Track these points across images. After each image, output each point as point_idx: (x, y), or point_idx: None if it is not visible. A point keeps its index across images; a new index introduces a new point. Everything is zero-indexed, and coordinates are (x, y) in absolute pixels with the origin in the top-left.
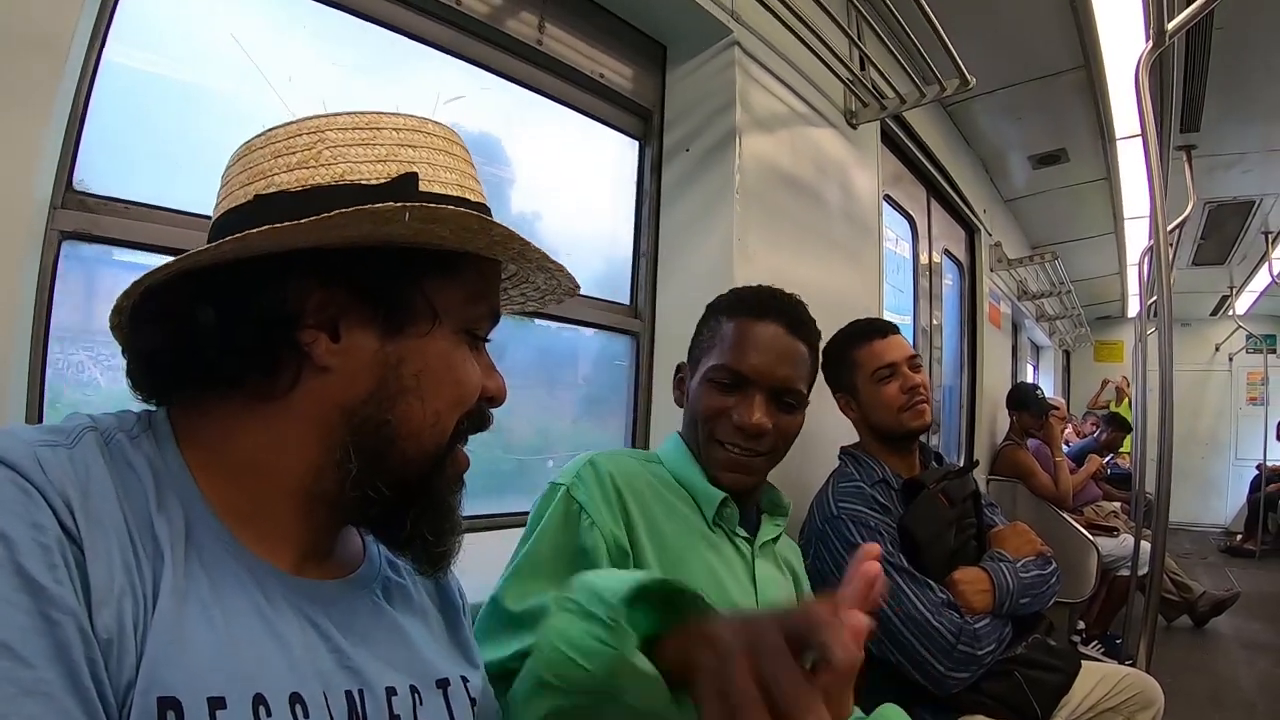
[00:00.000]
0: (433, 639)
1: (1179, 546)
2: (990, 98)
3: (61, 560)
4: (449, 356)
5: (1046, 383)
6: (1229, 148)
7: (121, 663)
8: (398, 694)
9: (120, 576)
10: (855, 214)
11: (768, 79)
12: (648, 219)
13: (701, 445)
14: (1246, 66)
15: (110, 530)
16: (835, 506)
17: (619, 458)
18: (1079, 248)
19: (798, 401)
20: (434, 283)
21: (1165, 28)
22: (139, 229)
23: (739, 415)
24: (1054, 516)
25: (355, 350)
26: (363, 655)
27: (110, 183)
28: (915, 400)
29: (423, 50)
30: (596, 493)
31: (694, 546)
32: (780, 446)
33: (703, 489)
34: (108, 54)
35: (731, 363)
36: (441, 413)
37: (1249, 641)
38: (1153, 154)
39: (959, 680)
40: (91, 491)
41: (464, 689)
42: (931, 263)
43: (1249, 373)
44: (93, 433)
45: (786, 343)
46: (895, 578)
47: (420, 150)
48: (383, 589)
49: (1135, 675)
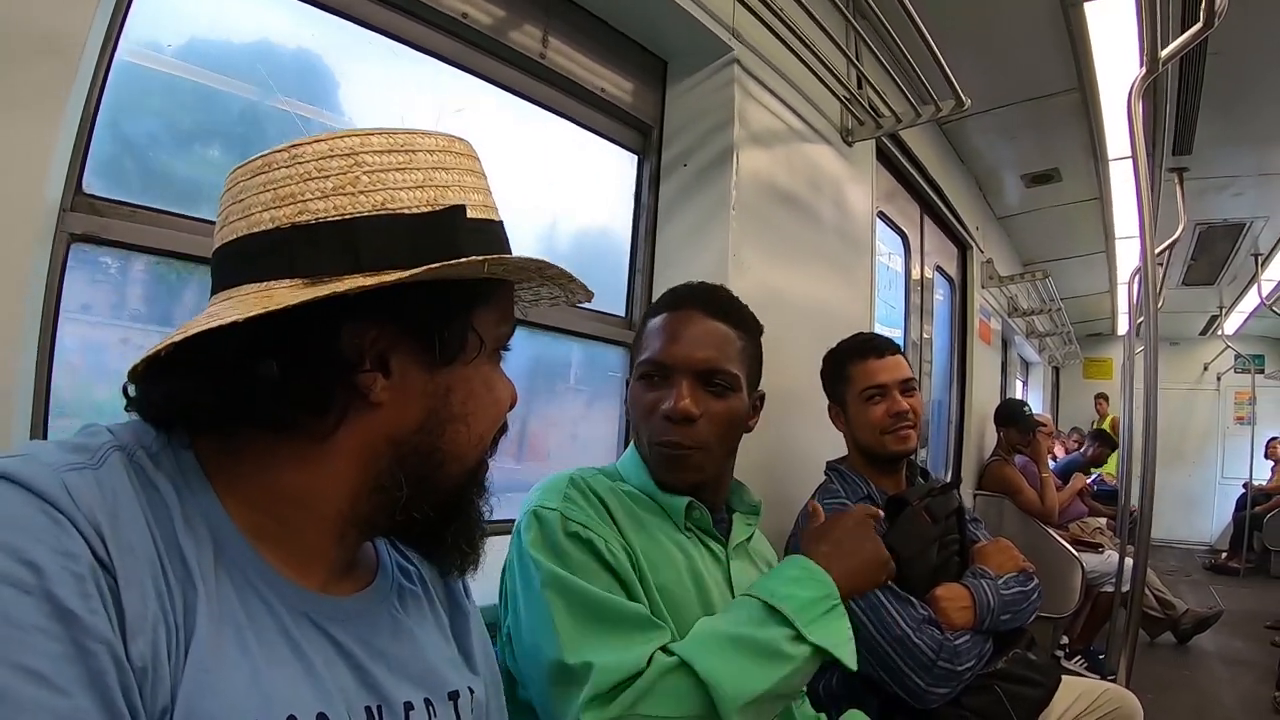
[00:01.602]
0: (445, 646)
1: (1164, 563)
2: (985, 117)
3: (95, 589)
4: (489, 379)
5: (1035, 399)
6: (1221, 171)
7: (156, 691)
8: (414, 709)
9: (153, 604)
10: (849, 230)
11: (766, 96)
12: (645, 232)
13: (645, 448)
14: (1240, 91)
15: (141, 557)
16: None
17: (591, 475)
18: (1070, 266)
19: (729, 384)
20: (480, 311)
21: (1159, 54)
22: (148, 233)
23: (665, 404)
24: (1040, 532)
25: (406, 384)
26: (381, 670)
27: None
28: (900, 425)
29: (426, 60)
30: (590, 511)
31: (674, 555)
32: (720, 438)
33: (666, 500)
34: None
35: (653, 355)
36: (484, 433)
37: (1232, 659)
38: (1143, 178)
39: (939, 696)
40: (121, 517)
41: (470, 699)
42: (924, 278)
43: (1237, 392)
44: (118, 452)
45: (706, 325)
46: (877, 594)
47: (452, 173)
48: (398, 597)
49: (1115, 690)
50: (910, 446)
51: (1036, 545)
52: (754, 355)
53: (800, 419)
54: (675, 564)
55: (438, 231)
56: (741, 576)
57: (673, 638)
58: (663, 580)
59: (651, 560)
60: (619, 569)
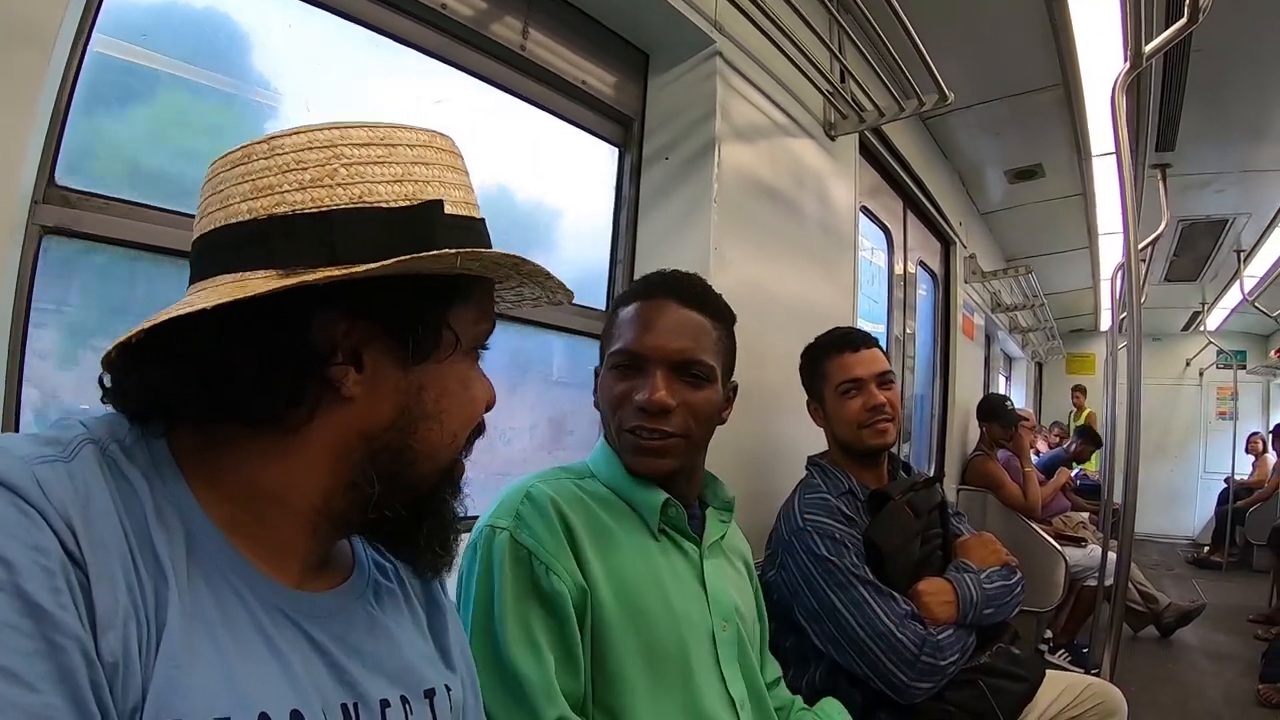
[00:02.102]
0: (421, 643)
1: (1147, 558)
2: (968, 113)
3: (65, 584)
4: (465, 378)
5: (1018, 394)
6: (1204, 167)
7: (127, 686)
8: (391, 705)
9: (124, 599)
10: (832, 225)
11: (748, 89)
12: (625, 225)
13: (616, 438)
14: (1223, 89)
15: (113, 551)
16: (801, 518)
17: (554, 482)
18: (1053, 262)
19: (705, 374)
20: (457, 308)
21: (1143, 50)
22: (121, 225)
23: (640, 395)
24: (1023, 526)
25: (379, 380)
26: (357, 668)
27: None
28: (877, 419)
29: (405, 52)
30: (543, 532)
31: (641, 563)
32: (694, 426)
33: (639, 495)
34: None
35: (626, 344)
36: (458, 432)
37: (1215, 653)
38: (1126, 174)
39: (923, 690)
40: (92, 511)
41: (447, 697)
42: (906, 273)
43: (1219, 388)
44: (90, 445)
45: (681, 315)
46: (860, 590)
47: (433, 169)
48: (374, 594)
49: (1099, 685)
50: (888, 440)
51: (1020, 539)
52: (729, 345)
53: (782, 414)
54: (641, 575)
55: (414, 226)
56: (715, 575)
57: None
58: (629, 591)
59: (614, 573)
60: (554, 598)
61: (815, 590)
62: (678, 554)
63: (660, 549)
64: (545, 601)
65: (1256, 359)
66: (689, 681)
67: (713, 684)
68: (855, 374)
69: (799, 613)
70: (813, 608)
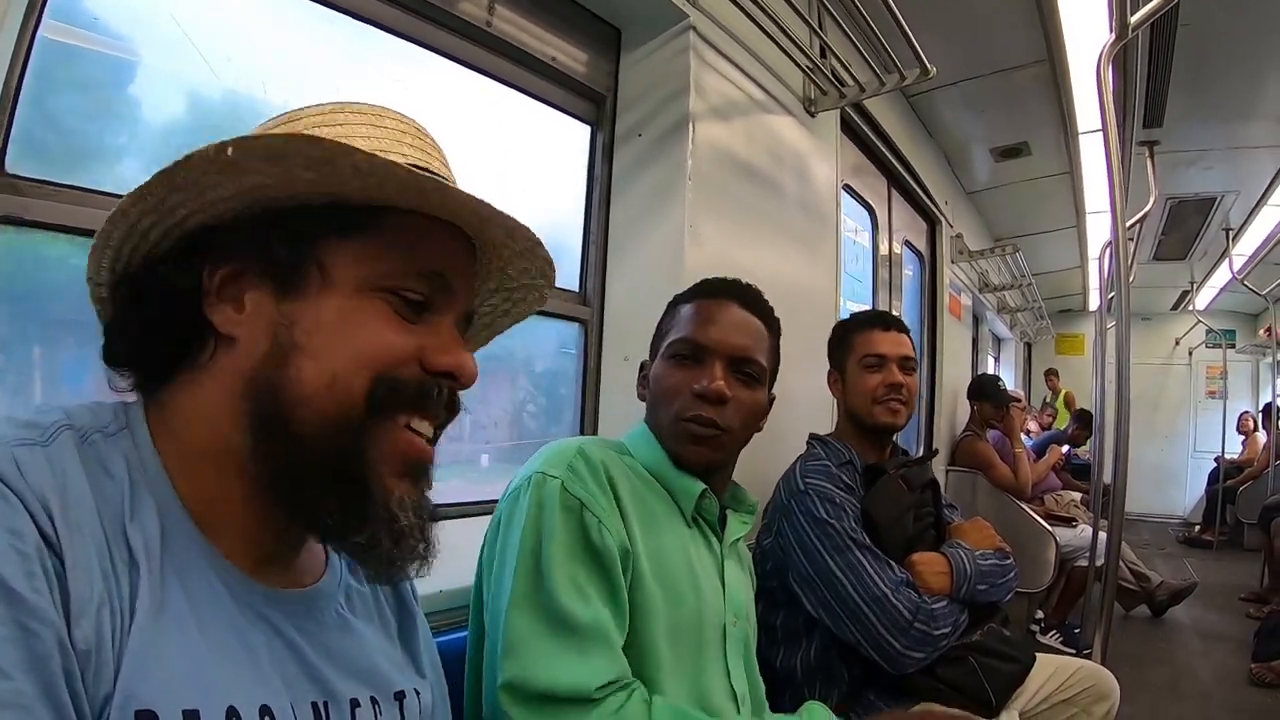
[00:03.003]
0: (390, 648)
1: (1138, 537)
2: (953, 90)
3: (41, 569)
4: (350, 315)
5: (1008, 375)
6: (1192, 144)
7: (99, 675)
8: (360, 705)
9: (99, 586)
10: (813, 203)
11: (724, 65)
12: (598, 204)
13: (666, 426)
14: (1210, 64)
15: (89, 538)
16: (802, 482)
17: (602, 449)
18: (1041, 241)
19: (758, 374)
20: (333, 242)
21: (1128, 20)
22: (72, 213)
23: (700, 384)
24: (1013, 507)
25: (256, 317)
26: (328, 666)
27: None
28: (892, 397)
29: (367, 31)
30: (594, 487)
31: (675, 543)
32: (742, 425)
33: (678, 482)
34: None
35: (689, 335)
36: (339, 373)
37: (1206, 632)
38: (1113, 151)
39: (914, 660)
40: (69, 497)
41: (417, 701)
42: (892, 253)
43: (1208, 367)
44: (69, 431)
45: (742, 316)
46: (857, 554)
47: (358, 128)
48: (345, 597)
49: (1090, 668)
50: (898, 422)
51: (1010, 520)
52: (776, 354)
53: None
54: (677, 556)
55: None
56: (732, 575)
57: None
58: (665, 567)
59: (653, 547)
60: (604, 553)
61: (811, 554)
62: (704, 545)
63: (691, 536)
64: (595, 555)
65: (1245, 338)
66: (701, 668)
67: (719, 675)
68: (880, 350)
69: (794, 579)
70: (808, 572)
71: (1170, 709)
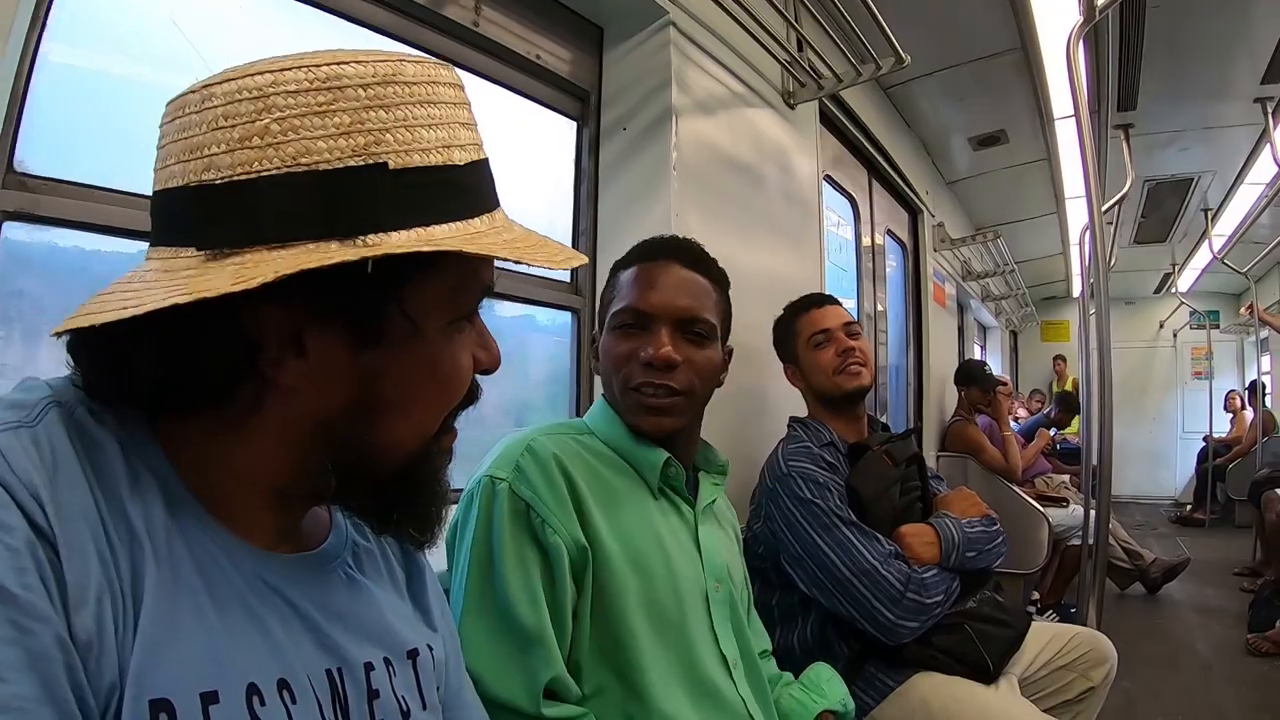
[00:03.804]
0: (401, 604)
1: (1130, 518)
2: (929, 80)
3: (33, 563)
4: (436, 359)
5: (994, 362)
6: (1166, 125)
7: (102, 664)
8: (375, 669)
9: (97, 572)
10: (795, 194)
11: (704, 59)
12: (586, 197)
13: (620, 397)
14: (1181, 45)
15: (83, 522)
16: (785, 465)
17: (555, 437)
18: (1022, 228)
19: (707, 333)
20: (414, 287)
21: (1095, 3)
22: (81, 208)
23: (646, 351)
24: (1004, 489)
25: (325, 364)
26: (339, 631)
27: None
28: (849, 362)
29: (363, 33)
30: (543, 486)
31: (642, 521)
32: (698, 384)
33: (640, 455)
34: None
35: (631, 302)
36: (428, 421)
37: (1202, 607)
38: (1086, 131)
39: (909, 630)
40: (60, 479)
41: (430, 657)
42: (874, 244)
43: (1193, 348)
44: (57, 407)
45: (684, 275)
46: (844, 531)
47: (394, 111)
48: (352, 554)
49: (1087, 633)
50: (864, 382)
51: (1002, 502)
52: (726, 308)
53: (749, 382)
54: (643, 533)
55: (355, 194)
56: (709, 539)
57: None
58: (633, 546)
59: (618, 528)
60: (551, 554)
61: (799, 534)
62: (674, 514)
63: (659, 508)
64: (543, 554)
65: (1229, 318)
66: (686, 639)
67: (708, 643)
68: (824, 325)
69: (785, 559)
70: (797, 552)
71: (1170, 680)
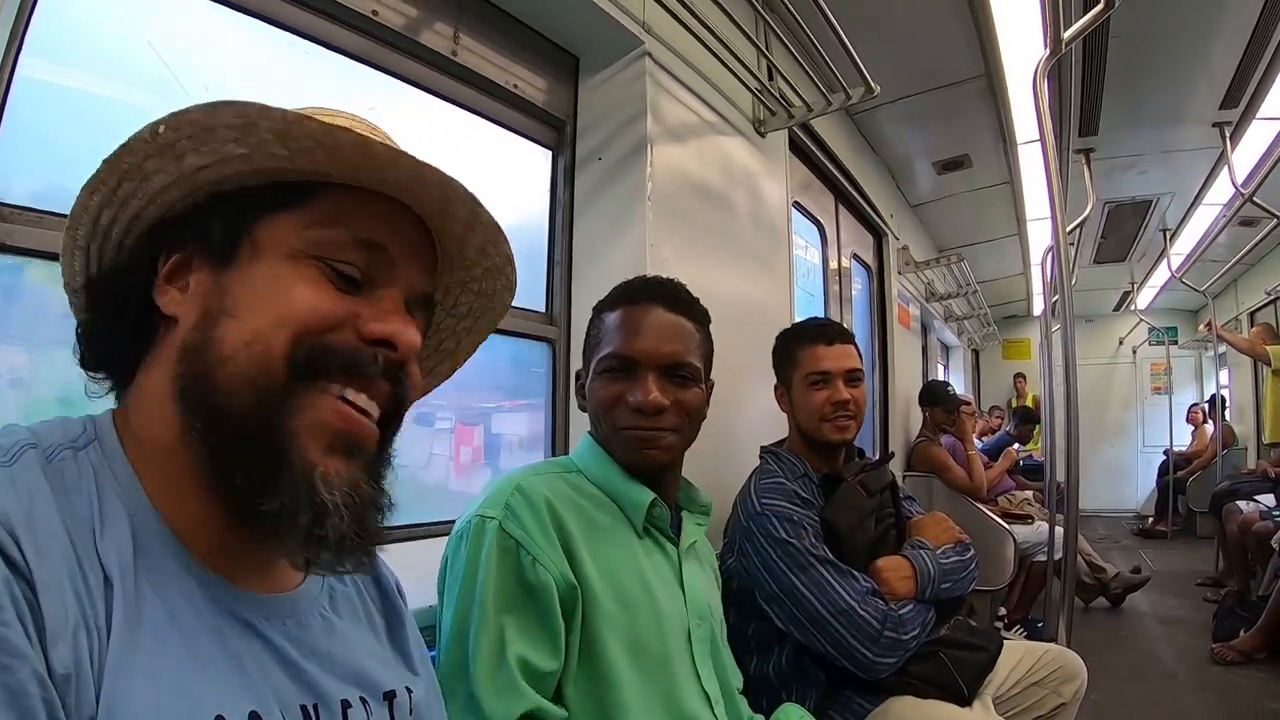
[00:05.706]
0: (379, 647)
1: (1094, 532)
2: (894, 106)
3: (9, 599)
4: (277, 278)
5: (957, 381)
6: (1126, 150)
7: (80, 698)
8: (352, 706)
9: (73, 607)
10: (765, 220)
11: (678, 89)
12: (561, 226)
13: (610, 437)
14: (1142, 72)
15: (58, 558)
16: (759, 503)
17: (544, 477)
18: (984, 250)
19: (692, 375)
20: (268, 217)
21: (1062, 35)
22: (55, 239)
23: (634, 397)
24: (970, 508)
25: (196, 295)
26: (315, 669)
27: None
28: (839, 414)
29: (342, 61)
30: (533, 525)
31: (627, 558)
32: (686, 423)
33: (627, 495)
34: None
35: (618, 349)
36: (260, 331)
37: (1166, 617)
38: (1051, 160)
39: (887, 666)
40: (35, 517)
41: (408, 699)
42: (841, 267)
43: (1152, 364)
44: (32, 450)
45: (668, 320)
46: (820, 570)
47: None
48: (329, 598)
49: (1057, 650)
50: (847, 438)
51: (968, 521)
52: (709, 347)
53: (724, 409)
54: (629, 571)
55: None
56: (692, 578)
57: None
58: (618, 585)
59: (605, 566)
60: (539, 589)
61: (775, 573)
62: (659, 553)
63: (644, 547)
64: (529, 593)
65: (1187, 334)
66: (669, 677)
67: (689, 679)
68: (824, 367)
69: (760, 597)
70: (774, 591)
71: (1136, 691)
